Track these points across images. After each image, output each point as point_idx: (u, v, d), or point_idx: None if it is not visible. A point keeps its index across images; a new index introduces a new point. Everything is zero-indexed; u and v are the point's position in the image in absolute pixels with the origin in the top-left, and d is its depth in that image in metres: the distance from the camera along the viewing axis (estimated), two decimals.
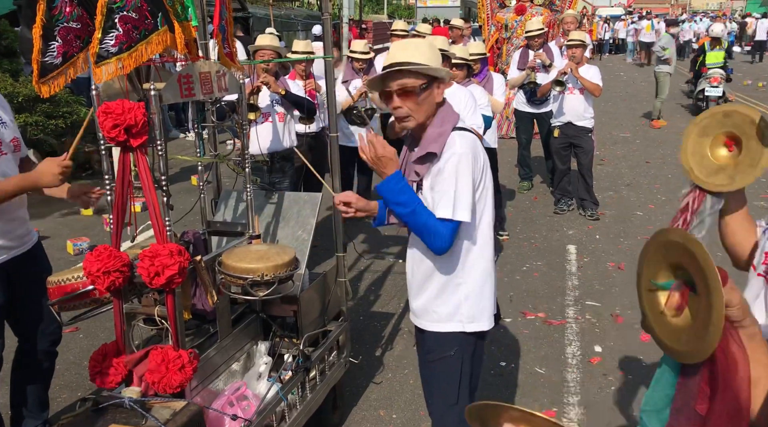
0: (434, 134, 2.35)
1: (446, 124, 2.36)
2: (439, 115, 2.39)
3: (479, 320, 2.48)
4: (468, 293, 2.45)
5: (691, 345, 1.32)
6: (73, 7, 2.25)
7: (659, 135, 11.61)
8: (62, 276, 2.69)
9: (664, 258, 1.45)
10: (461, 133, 2.37)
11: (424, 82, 2.31)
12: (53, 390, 3.65)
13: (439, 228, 2.29)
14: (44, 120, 7.93)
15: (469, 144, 2.34)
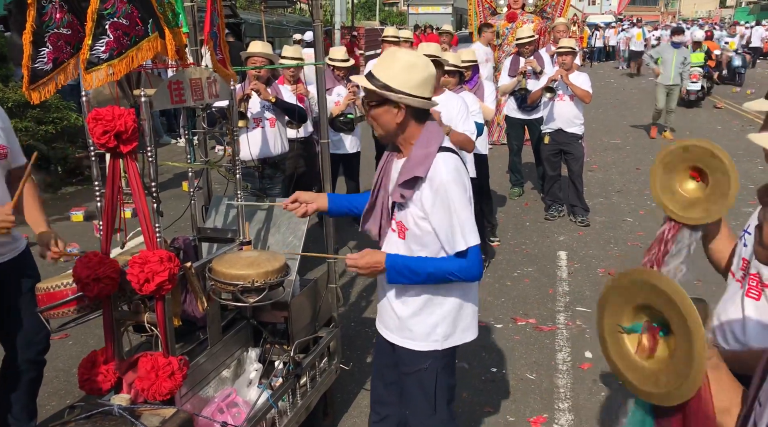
0: (420, 156, 2.31)
1: (432, 145, 2.32)
2: (425, 134, 2.34)
3: (453, 336, 2.50)
4: (446, 313, 2.45)
5: (672, 385, 1.24)
6: (64, 13, 2.25)
7: (649, 142, 11.68)
8: (51, 283, 2.67)
9: (627, 301, 1.37)
10: (445, 155, 2.32)
11: (375, 101, 2.29)
12: (42, 397, 3.62)
13: (462, 263, 2.30)
14: (34, 126, 7.90)
15: (453, 168, 2.31)
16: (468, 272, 2.31)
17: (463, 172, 2.36)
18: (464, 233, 2.27)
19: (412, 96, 2.26)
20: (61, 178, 8.77)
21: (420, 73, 2.27)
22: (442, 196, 2.26)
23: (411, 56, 2.31)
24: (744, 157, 10.10)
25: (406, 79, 2.26)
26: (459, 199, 2.28)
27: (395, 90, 2.25)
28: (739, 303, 1.91)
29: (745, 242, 1.95)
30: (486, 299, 5.31)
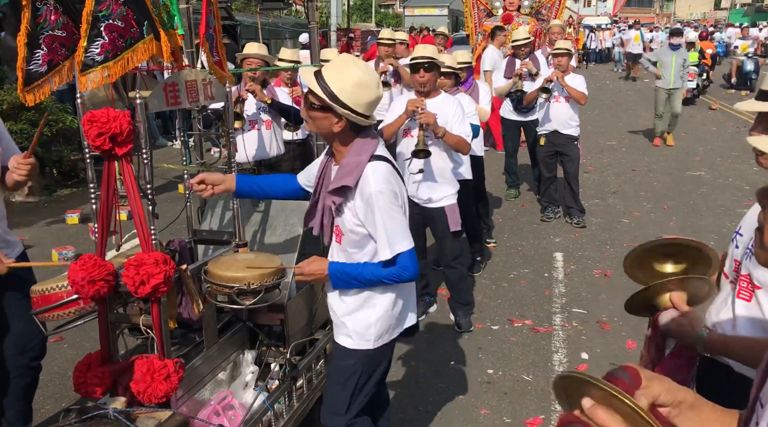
0: (350, 164, 2.37)
1: (363, 154, 2.37)
2: (357, 144, 2.39)
3: (385, 336, 2.57)
4: (381, 314, 2.52)
5: None
6: (58, 15, 2.24)
7: (645, 143, 11.71)
8: (46, 285, 2.66)
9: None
10: (375, 164, 2.37)
11: (318, 105, 2.33)
12: (37, 401, 3.60)
13: (392, 269, 2.38)
14: (29, 128, 7.87)
15: (383, 178, 2.36)
16: (399, 276, 2.40)
17: (395, 180, 2.41)
18: (390, 242, 2.33)
19: (357, 114, 2.31)
20: (57, 181, 8.75)
21: (370, 94, 2.32)
22: (371, 205, 2.33)
23: (365, 74, 2.32)
24: (739, 159, 10.14)
25: (356, 96, 2.29)
26: (385, 208, 2.33)
27: (342, 104, 2.28)
28: (730, 304, 1.92)
29: (737, 243, 1.96)
30: (482, 300, 5.31)
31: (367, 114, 2.36)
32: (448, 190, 4.50)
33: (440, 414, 3.76)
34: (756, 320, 1.83)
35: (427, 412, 3.78)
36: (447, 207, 4.48)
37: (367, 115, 2.36)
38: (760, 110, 1.76)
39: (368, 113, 2.36)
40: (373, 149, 2.40)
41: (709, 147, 11.25)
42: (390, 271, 2.39)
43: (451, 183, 4.53)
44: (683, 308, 1.87)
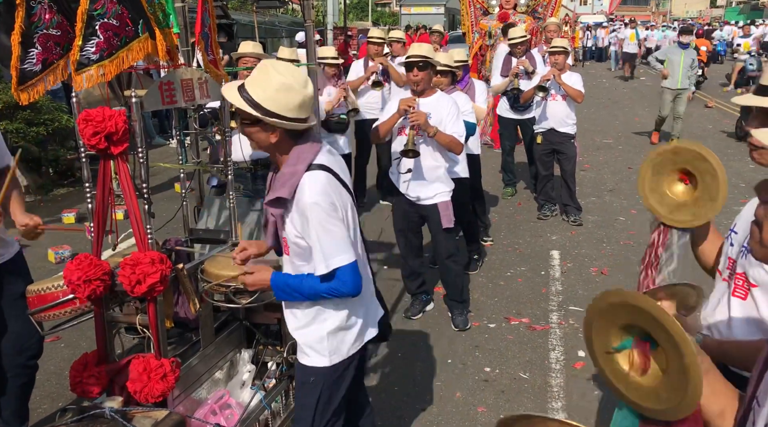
0: (286, 175, 2.27)
1: (300, 164, 2.25)
2: (294, 152, 2.28)
3: (341, 351, 2.42)
4: (332, 330, 2.39)
5: (675, 400, 1.22)
6: (53, 14, 2.24)
7: (641, 141, 11.72)
8: (42, 285, 2.66)
9: (611, 323, 1.35)
10: (312, 174, 2.25)
11: (248, 119, 2.22)
12: (33, 400, 3.60)
13: (331, 284, 2.26)
14: (25, 127, 7.85)
15: (319, 189, 2.23)
16: (338, 291, 2.27)
17: (333, 190, 2.27)
18: (325, 256, 2.22)
19: (287, 119, 2.19)
20: (53, 180, 8.73)
21: (295, 97, 2.19)
22: (307, 218, 2.22)
23: (287, 76, 2.19)
24: (735, 157, 10.16)
25: (281, 102, 2.17)
26: (320, 221, 2.21)
27: (269, 112, 2.17)
28: (726, 302, 1.92)
29: (731, 241, 1.96)
30: (479, 298, 5.32)
31: (300, 117, 2.23)
32: (441, 187, 4.48)
33: (437, 412, 3.76)
34: (752, 319, 1.83)
35: (424, 410, 3.78)
36: (440, 204, 4.47)
37: (302, 119, 2.24)
38: (757, 105, 1.76)
39: (302, 116, 2.24)
40: (312, 157, 2.27)
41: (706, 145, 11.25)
42: (328, 285, 2.26)
43: (444, 181, 4.51)
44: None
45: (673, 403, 1.23)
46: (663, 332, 1.23)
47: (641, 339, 1.31)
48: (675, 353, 1.21)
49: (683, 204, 1.90)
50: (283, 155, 2.30)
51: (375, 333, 2.55)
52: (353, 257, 2.26)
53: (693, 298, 1.93)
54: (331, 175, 2.29)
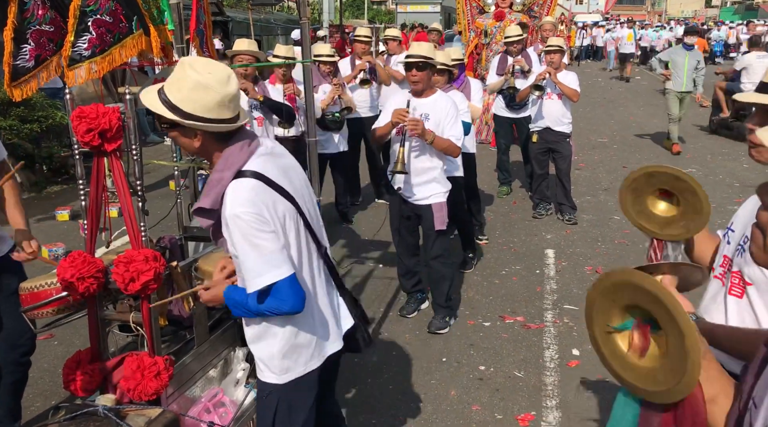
0: (212, 181, 2.08)
1: (226, 170, 2.06)
2: (223, 156, 2.09)
3: (294, 370, 2.28)
4: (282, 346, 2.24)
5: (671, 382, 1.22)
6: (46, 10, 2.23)
7: (636, 141, 11.75)
8: (36, 282, 2.65)
9: (614, 303, 1.35)
10: (238, 182, 2.05)
11: (166, 123, 2.06)
12: (27, 398, 3.59)
13: (269, 301, 2.07)
14: (18, 124, 7.82)
15: (243, 199, 2.02)
16: (278, 309, 2.08)
17: (263, 199, 2.05)
18: (253, 273, 2.03)
19: (206, 121, 2.01)
20: (47, 178, 8.70)
21: (213, 95, 2.00)
22: (231, 231, 2.04)
23: (203, 74, 2.00)
24: (729, 156, 10.20)
25: (198, 102, 1.99)
26: (245, 235, 2.01)
27: (186, 114, 2.00)
28: (722, 301, 1.92)
29: (728, 239, 1.96)
30: (474, 297, 5.32)
31: (223, 117, 2.04)
32: (436, 188, 4.45)
33: (432, 410, 3.76)
34: (747, 317, 1.84)
35: (419, 408, 3.78)
36: (434, 205, 4.43)
37: (225, 119, 2.05)
38: (758, 102, 1.76)
39: (224, 116, 2.04)
40: (241, 162, 2.07)
41: (700, 144, 11.31)
42: (267, 304, 2.07)
43: (440, 181, 4.48)
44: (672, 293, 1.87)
45: (670, 385, 1.24)
46: (665, 313, 1.24)
47: (643, 322, 1.31)
48: (676, 334, 1.22)
49: (671, 219, 1.95)
50: (213, 159, 2.12)
51: (338, 347, 2.38)
52: (288, 272, 2.05)
53: (696, 277, 1.95)
54: (262, 182, 2.07)
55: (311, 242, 2.26)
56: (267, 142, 2.23)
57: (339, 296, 2.46)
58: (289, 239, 2.12)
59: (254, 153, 2.11)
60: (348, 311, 2.48)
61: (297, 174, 2.29)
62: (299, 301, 2.08)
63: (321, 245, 2.33)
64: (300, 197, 2.21)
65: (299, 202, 2.18)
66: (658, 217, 1.97)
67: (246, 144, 2.12)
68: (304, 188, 2.30)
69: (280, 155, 2.24)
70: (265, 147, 2.19)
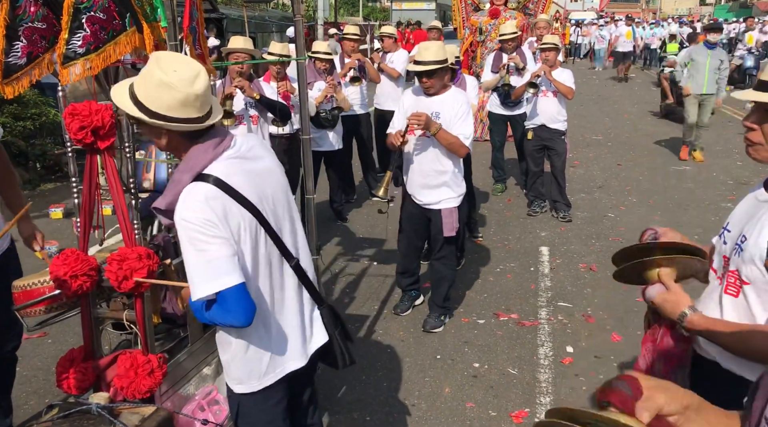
0: (173, 182, 2.03)
1: (187, 172, 1.99)
2: (186, 157, 2.03)
3: (247, 383, 2.22)
4: (234, 354, 2.20)
5: None
6: (38, 7, 2.22)
7: (630, 138, 11.77)
8: (28, 281, 2.63)
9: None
10: (193, 186, 1.97)
11: (132, 119, 2.03)
12: (20, 397, 3.58)
13: (214, 309, 1.97)
14: (12, 121, 7.79)
15: (191, 203, 1.94)
16: (223, 320, 1.98)
17: (215, 205, 1.95)
18: (196, 280, 1.94)
19: (170, 119, 1.94)
20: (40, 175, 8.67)
21: (175, 94, 1.91)
22: (180, 234, 1.96)
23: (167, 73, 1.92)
24: (722, 154, 10.23)
25: (161, 99, 1.92)
26: (191, 240, 1.92)
27: (150, 112, 1.93)
28: (718, 300, 1.92)
29: (724, 239, 1.96)
30: (468, 294, 5.33)
31: (188, 116, 1.95)
32: (447, 193, 4.35)
33: (426, 408, 3.77)
34: (743, 316, 1.84)
35: (413, 406, 3.79)
36: (444, 210, 4.35)
37: (190, 119, 1.96)
38: (756, 100, 1.76)
39: (189, 116, 1.95)
40: (203, 164, 1.99)
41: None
42: (213, 311, 1.97)
43: (452, 186, 4.36)
44: (670, 285, 1.87)
45: None
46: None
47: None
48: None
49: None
50: (182, 158, 2.04)
51: (299, 365, 2.28)
52: (235, 281, 1.93)
53: (694, 266, 1.96)
54: (218, 188, 1.97)
55: (274, 254, 2.15)
56: (241, 144, 2.11)
57: (315, 310, 2.38)
58: (243, 248, 2.02)
59: (219, 156, 2.02)
60: (323, 327, 2.38)
61: (270, 180, 2.16)
62: (245, 313, 1.96)
63: (291, 257, 2.21)
64: (266, 206, 2.10)
65: (263, 212, 2.07)
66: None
67: (212, 145, 2.02)
68: (278, 195, 2.18)
69: (253, 159, 2.13)
70: (236, 150, 2.08)
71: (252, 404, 2.27)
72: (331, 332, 2.39)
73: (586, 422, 1.03)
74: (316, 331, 2.38)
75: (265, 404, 2.28)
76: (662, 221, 6.98)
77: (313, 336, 2.37)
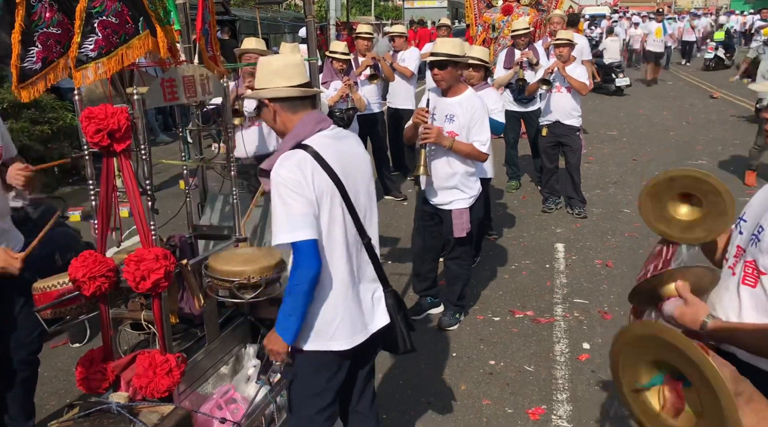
0: (277, 153, 2.37)
1: (289, 141, 2.35)
2: (290, 133, 2.38)
3: (316, 341, 2.41)
4: (313, 314, 2.37)
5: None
6: (53, 13, 2.24)
7: (645, 133, 11.68)
8: (48, 282, 2.67)
9: (639, 357, 1.27)
10: (289, 152, 2.32)
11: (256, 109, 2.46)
12: (41, 397, 3.63)
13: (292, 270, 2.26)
14: (29, 126, 7.88)
15: (288, 164, 2.27)
16: (293, 270, 2.24)
17: (307, 171, 2.26)
18: (275, 230, 2.24)
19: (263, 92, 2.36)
20: (58, 179, 8.76)
21: (267, 67, 2.38)
22: (272, 187, 2.28)
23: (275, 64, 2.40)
24: (740, 147, 10.11)
25: (262, 76, 2.39)
26: (281, 193, 2.23)
27: (256, 93, 2.39)
28: (735, 291, 1.91)
29: (741, 229, 1.95)
30: (483, 292, 5.32)
31: (289, 84, 2.35)
32: (458, 194, 4.32)
33: (442, 405, 3.77)
34: (762, 306, 1.82)
35: (429, 403, 3.79)
36: (454, 211, 4.33)
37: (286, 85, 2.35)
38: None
39: (290, 82, 2.35)
40: (304, 136, 2.34)
41: (711, 136, 11.22)
42: (292, 270, 2.26)
43: (463, 188, 4.32)
44: (687, 296, 1.85)
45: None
46: (696, 373, 1.15)
47: (673, 377, 1.22)
48: (710, 395, 1.13)
49: (693, 223, 1.93)
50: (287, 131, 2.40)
51: (361, 339, 2.45)
52: (308, 236, 2.21)
53: (708, 278, 1.93)
54: (312, 157, 2.29)
55: (351, 230, 2.39)
56: (339, 131, 2.46)
57: (379, 291, 2.55)
58: (322, 214, 2.29)
59: (317, 132, 2.36)
60: (386, 309, 2.56)
61: (356, 165, 2.44)
62: (311, 268, 2.22)
63: (365, 235, 2.45)
64: (349, 183, 2.37)
65: (346, 187, 2.34)
66: (679, 221, 1.95)
67: (313, 121, 2.37)
68: (361, 179, 2.45)
69: (346, 144, 2.45)
70: (332, 133, 2.41)
71: (308, 370, 2.44)
72: (394, 315, 2.56)
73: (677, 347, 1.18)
74: (380, 311, 2.55)
75: (318, 375, 2.44)
76: None
77: (376, 315, 2.54)
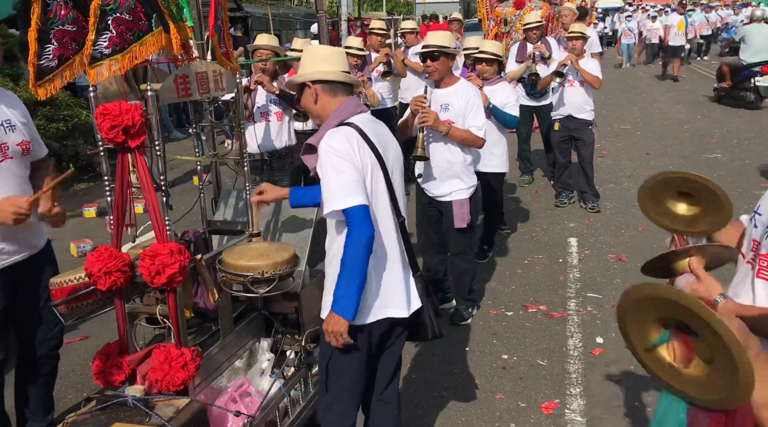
0: (324, 127, 2.51)
1: (334, 119, 2.49)
2: (335, 112, 2.51)
3: (361, 314, 2.46)
4: (370, 281, 2.46)
5: (725, 392, 1.17)
6: (68, 10, 2.27)
7: (659, 127, 11.59)
8: (65, 278, 2.70)
9: (646, 317, 1.33)
10: (336, 128, 2.46)
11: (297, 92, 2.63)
12: (59, 391, 3.68)
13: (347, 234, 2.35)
14: (45, 123, 7.95)
15: (338, 136, 2.40)
16: (349, 235, 2.33)
17: (354, 145, 2.40)
18: (328, 198, 2.36)
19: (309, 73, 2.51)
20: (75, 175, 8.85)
21: (312, 53, 2.58)
22: (321, 159, 2.39)
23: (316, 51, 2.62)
24: (756, 140, 10.02)
25: (305, 62, 2.56)
26: (332, 163, 2.36)
27: (301, 75, 2.54)
28: (750, 285, 1.90)
29: (755, 223, 1.94)
30: (496, 286, 5.32)
31: (328, 68, 2.51)
32: (458, 184, 4.32)
33: (455, 399, 3.78)
34: None
35: (442, 397, 3.80)
36: (454, 202, 4.32)
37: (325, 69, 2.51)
38: None
39: (329, 67, 2.52)
40: (347, 115, 2.49)
41: (725, 129, 11.11)
42: (347, 238, 2.34)
43: (463, 177, 4.33)
44: (700, 273, 1.84)
45: (723, 394, 1.19)
46: (704, 325, 1.19)
47: (680, 330, 1.27)
48: (720, 346, 1.17)
49: (695, 217, 1.94)
50: (327, 114, 2.54)
51: (402, 314, 2.56)
52: (362, 201, 2.33)
53: (724, 255, 1.94)
54: (357, 133, 2.43)
55: (389, 206, 2.52)
56: (372, 118, 2.60)
57: (411, 274, 2.63)
58: (368, 183, 2.42)
59: (360, 113, 2.52)
60: (418, 293, 2.63)
61: (391, 147, 2.59)
62: (366, 232, 2.31)
63: (400, 214, 2.57)
64: (388, 161, 2.52)
65: (386, 162, 2.49)
66: (681, 217, 1.96)
67: (353, 104, 2.54)
68: (394, 157, 2.59)
69: (381, 127, 2.61)
70: (369, 117, 2.58)
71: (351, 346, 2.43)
72: (424, 300, 2.64)
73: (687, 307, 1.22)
74: (414, 294, 2.64)
75: (356, 341, 2.47)
76: None
77: (412, 297, 2.61)
